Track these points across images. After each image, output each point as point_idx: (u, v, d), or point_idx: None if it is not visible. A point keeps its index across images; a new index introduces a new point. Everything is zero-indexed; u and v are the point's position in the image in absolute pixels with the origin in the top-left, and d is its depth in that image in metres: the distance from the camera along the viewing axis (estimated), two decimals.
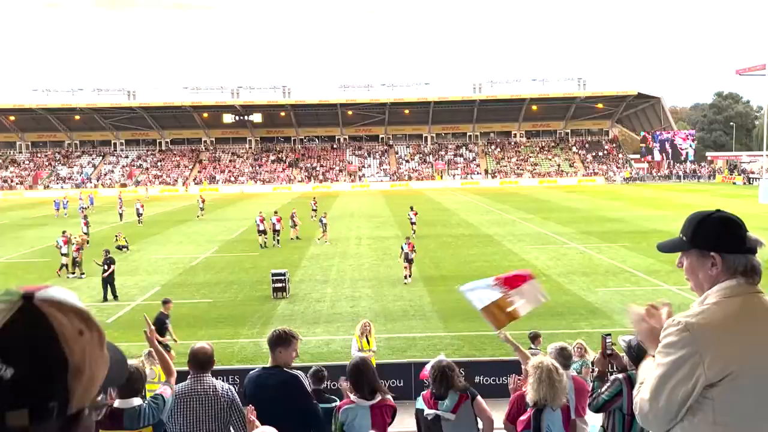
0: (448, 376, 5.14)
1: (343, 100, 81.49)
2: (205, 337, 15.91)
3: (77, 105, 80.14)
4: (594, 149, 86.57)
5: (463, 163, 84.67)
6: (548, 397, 4.36)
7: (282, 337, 4.76)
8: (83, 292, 21.28)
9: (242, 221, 41.31)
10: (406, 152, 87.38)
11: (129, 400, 4.14)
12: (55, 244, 25.10)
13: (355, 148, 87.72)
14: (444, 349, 14.58)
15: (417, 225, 32.75)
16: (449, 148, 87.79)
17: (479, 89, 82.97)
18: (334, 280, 22.53)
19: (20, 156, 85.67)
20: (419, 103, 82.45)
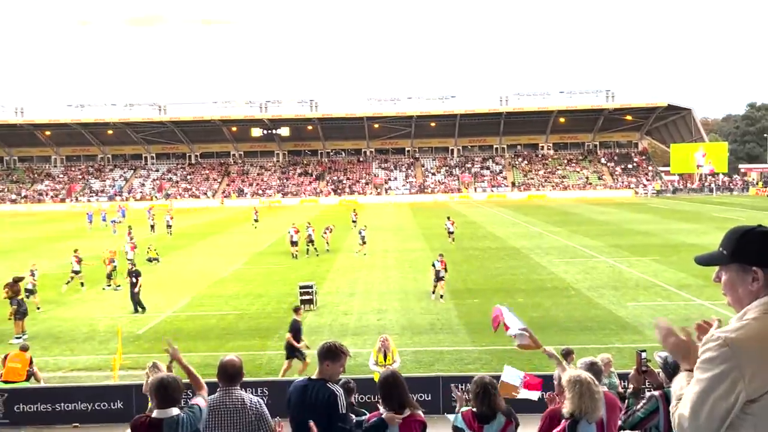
0: (491, 394, 4.99)
1: (370, 113, 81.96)
2: (234, 348, 16.06)
3: (110, 120, 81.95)
4: (623, 162, 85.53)
5: (490, 175, 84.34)
6: (588, 409, 4.29)
7: (332, 350, 4.76)
8: (115, 304, 21.67)
9: (270, 234, 41.66)
10: (432, 165, 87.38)
11: (168, 410, 4.21)
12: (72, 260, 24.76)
13: (382, 161, 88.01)
14: (472, 364, 14.51)
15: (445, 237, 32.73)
16: (476, 160, 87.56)
17: (506, 102, 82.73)
18: (360, 293, 22.56)
19: (55, 170, 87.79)
20: (445, 116, 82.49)
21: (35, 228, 51.02)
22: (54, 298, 22.75)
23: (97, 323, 19.17)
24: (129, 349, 15.75)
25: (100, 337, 17.68)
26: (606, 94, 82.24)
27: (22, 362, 12.79)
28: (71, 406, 11.96)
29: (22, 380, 12.67)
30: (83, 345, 16.97)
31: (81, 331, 18.37)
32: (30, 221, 58.76)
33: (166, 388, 4.25)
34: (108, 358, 15.05)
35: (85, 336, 17.82)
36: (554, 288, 22.59)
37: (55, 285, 25.35)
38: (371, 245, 35.05)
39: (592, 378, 4.58)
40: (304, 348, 13.72)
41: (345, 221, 44.75)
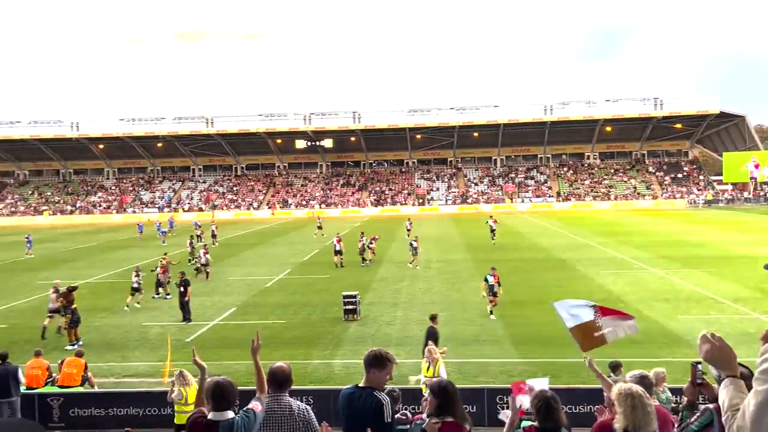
0: (554, 408, 4.86)
1: (412, 124, 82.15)
2: (279, 357, 16.20)
3: (159, 133, 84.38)
4: (673, 171, 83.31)
5: (534, 185, 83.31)
6: (641, 423, 4.17)
7: (378, 358, 4.76)
8: (164, 312, 22.21)
9: (314, 244, 42.09)
10: (475, 175, 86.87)
11: (223, 413, 4.31)
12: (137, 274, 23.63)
13: (424, 172, 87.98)
14: (518, 376, 14.29)
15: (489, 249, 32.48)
16: (519, 170, 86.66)
17: (550, 111, 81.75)
18: (404, 303, 22.53)
19: (107, 182, 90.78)
20: (488, 125, 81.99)
21: (89, 238, 52.80)
22: (107, 306, 23.46)
23: (147, 331, 19.68)
24: (177, 356, 16.09)
25: (150, 344, 18.14)
26: (654, 101, 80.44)
27: (77, 368, 13.23)
28: (123, 410, 12.30)
29: (77, 385, 13.09)
30: (134, 352, 17.45)
31: (132, 338, 18.89)
32: (84, 231, 60.86)
33: (222, 392, 4.35)
34: (158, 365, 15.42)
35: (137, 343, 18.32)
36: (602, 300, 22.01)
37: (106, 293, 26.16)
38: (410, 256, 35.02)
39: (644, 391, 4.47)
40: (444, 349, 13.57)
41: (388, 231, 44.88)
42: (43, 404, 12.47)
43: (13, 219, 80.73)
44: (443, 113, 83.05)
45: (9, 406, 11.74)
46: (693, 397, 5.12)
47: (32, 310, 23.34)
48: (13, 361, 12.53)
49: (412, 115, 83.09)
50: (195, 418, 4.46)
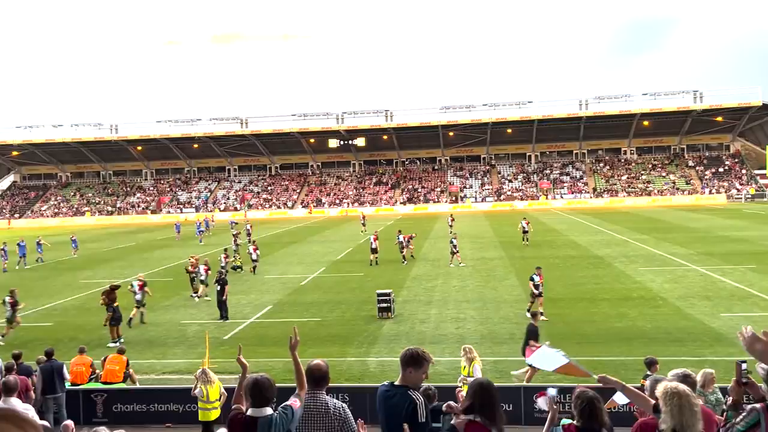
0: (598, 409, 4.78)
1: (444, 121, 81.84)
2: (315, 354, 16.36)
3: (195, 134, 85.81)
4: (713, 165, 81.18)
5: (570, 181, 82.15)
6: (689, 423, 4.06)
7: (415, 357, 4.74)
8: (202, 310, 22.58)
9: (347, 242, 42.28)
10: (509, 172, 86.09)
11: (262, 410, 4.38)
12: (129, 287, 21.96)
13: (457, 169, 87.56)
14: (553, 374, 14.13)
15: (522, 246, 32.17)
16: (554, 166, 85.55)
17: (585, 106, 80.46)
18: (438, 302, 22.48)
19: (146, 183, 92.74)
20: (522, 121, 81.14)
21: (129, 238, 54.03)
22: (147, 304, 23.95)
23: (185, 329, 20.05)
24: (215, 354, 16.36)
25: (189, 342, 18.48)
26: (693, 94, 78.50)
27: (119, 365, 13.57)
28: (164, 407, 12.56)
29: (120, 381, 13.43)
30: (174, 349, 17.80)
31: (171, 336, 19.27)
32: (124, 231, 62.31)
33: (260, 388, 4.41)
34: (197, 362, 15.69)
35: (176, 341, 18.68)
36: (640, 298, 21.70)
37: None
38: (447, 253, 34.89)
39: (690, 390, 4.36)
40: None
41: (422, 230, 44.83)
42: (87, 400, 12.83)
43: (56, 220, 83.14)
44: (476, 110, 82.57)
45: (55, 401, 12.10)
46: (738, 396, 4.99)
47: (75, 309, 24.01)
48: (58, 358, 12.92)
49: (444, 113, 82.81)
50: (234, 414, 4.54)
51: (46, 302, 25.34)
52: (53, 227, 74.23)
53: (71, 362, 13.65)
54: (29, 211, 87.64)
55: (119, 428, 7.90)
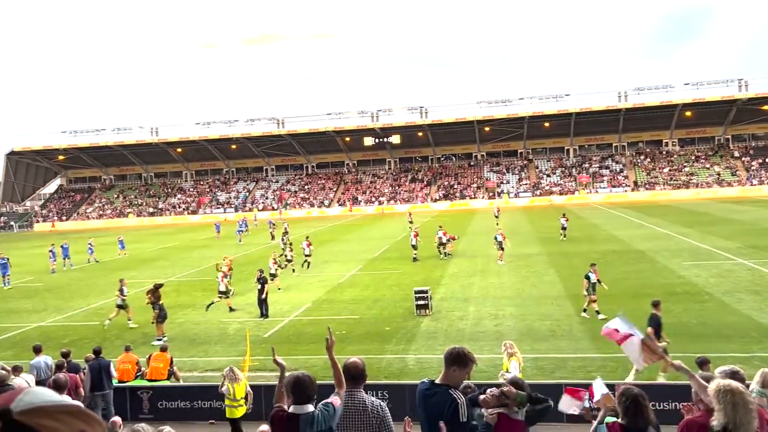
0: (643, 406, 4.72)
1: (480, 116, 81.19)
2: (353, 352, 16.46)
3: (233, 135, 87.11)
4: (760, 155, 78.52)
5: (610, 175, 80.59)
6: (743, 421, 3.93)
7: (461, 357, 4.74)
8: (242, 309, 22.92)
9: (383, 240, 42.35)
10: (546, 166, 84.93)
11: (303, 407, 4.43)
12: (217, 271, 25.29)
13: (493, 164, 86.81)
14: (596, 371, 13.92)
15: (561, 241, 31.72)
16: (594, 160, 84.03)
17: (625, 98, 78.80)
18: (476, 298, 22.34)
19: (186, 184, 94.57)
20: (560, 115, 79.96)
21: (170, 238, 55.21)
22: (189, 303, 24.47)
23: (227, 327, 20.39)
24: (256, 352, 16.59)
25: (230, 340, 18.80)
26: (738, 83, 76.07)
27: (163, 362, 13.89)
28: (207, 403, 12.81)
29: (164, 379, 13.75)
30: (215, 347, 18.12)
31: (213, 334, 19.62)
32: (165, 232, 63.69)
33: (301, 386, 4.47)
34: (238, 360, 15.94)
35: (217, 339, 19.02)
36: (685, 293, 21.17)
37: (188, 291, 27.27)
38: (485, 250, 34.64)
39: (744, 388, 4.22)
40: (665, 343, 13.06)
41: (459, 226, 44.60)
42: (133, 397, 13.17)
43: (101, 221, 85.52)
44: (512, 104, 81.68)
45: (103, 398, 12.46)
46: None
47: None
48: (105, 356, 13.30)
49: (479, 108, 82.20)
50: (276, 412, 4.60)
51: (92, 302, 26.09)
52: (98, 228, 76.36)
53: (118, 360, 14.03)
54: (75, 213, 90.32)
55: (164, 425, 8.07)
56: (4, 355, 17.01)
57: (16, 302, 27.24)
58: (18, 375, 11.80)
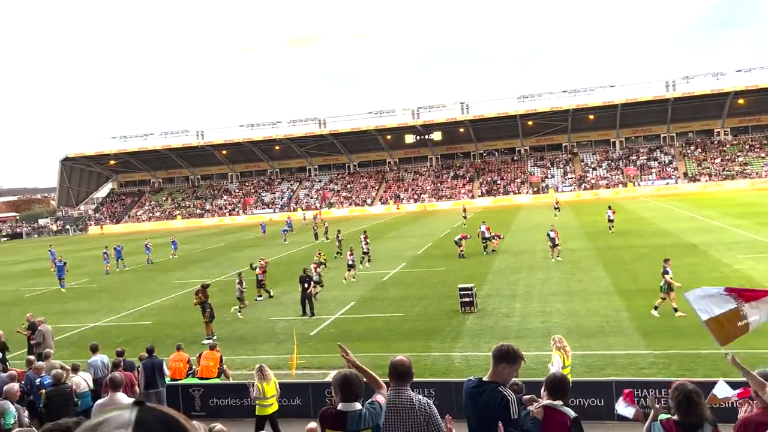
0: (696, 403, 4.62)
1: (523, 110, 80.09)
2: (399, 349, 16.50)
3: (276, 136, 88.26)
4: None
5: (658, 167, 78.41)
6: None
7: (510, 354, 4.70)
8: (289, 307, 23.22)
9: (426, 238, 42.25)
10: (592, 159, 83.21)
11: (351, 404, 4.49)
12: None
13: (537, 159, 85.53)
14: (647, 368, 13.62)
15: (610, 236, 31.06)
16: (641, 152, 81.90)
17: (672, 87, 76.50)
18: (522, 295, 22.09)
19: (231, 185, 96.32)
20: (605, 107, 78.18)
21: (217, 239, 56.35)
22: (236, 302, 24.91)
23: (274, 325, 20.71)
24: (303, 349, 16.81)
25: (278, 338, 19.08)
26: None
27: (213, 360, 14.21)
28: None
29: (215, 377, 14.05)
30: (263, 345, 18.43)
31: (261, 332, 19.96)
32: (213, 233, 65.02)
33: (348, 384, 4.51)
34: (285, 358, 16.19)
35: (265, 337, 19.33)
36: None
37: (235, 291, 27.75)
38: (530, 245, 34.22)
39: None
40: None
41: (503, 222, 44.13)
42: (186, 394, 13.51)
43: (151, 224, 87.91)
44: (555, 97, 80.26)
45: (156, 396, 12.81)
46: None
47: (171, 308, 25.30)
48: (157, 355, 13.68)
49: (522, 102, 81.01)
50: (324, 409, 4.67)
51: (144, 302, 26.85)
52: (147, 231, 78.50)
53: (170, 358, 14.40)
54: (126, 216, 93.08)
55: (215, 422, 8.26)
56: (63, 354, 17.68)
57: (73, 303, 28.27)
58: (76, 373, 12.26)
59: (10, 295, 32.32)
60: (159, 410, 1.17)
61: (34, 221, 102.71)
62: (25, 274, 41.37)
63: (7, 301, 30.39)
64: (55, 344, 17.19)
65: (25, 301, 29.68)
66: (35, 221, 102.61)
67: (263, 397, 11.38)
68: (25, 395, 11.14)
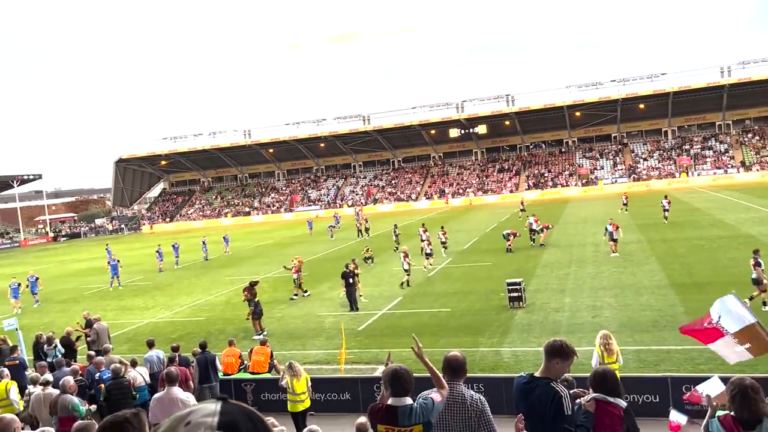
0: (751, 398, 4.49)
1: (570, 101, 78.49)
2: (447, 345, 16.45)
3: (321, 134, 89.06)
4: None
5: (713, 156, 75.70)
6: None
7: (564, 349, 4.68)
8: (336, 303, 23.43)
9: (473, 232, 41.93)
10: (643, 150, 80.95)
11: (401, 399, 4.51)
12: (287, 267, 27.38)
13: (585, 150, 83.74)
14: (704, 364, 13.20)
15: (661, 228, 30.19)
16: (695, 141, 79.21)
17: (728, 73, 73.63)
18: (571, 289, 21.70)
19: (278, 183, 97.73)
20: (656, 95, 75.90)
21: (266, 236, 57.28)
22: (285, 298, 25.29)
23: (323, 321, 20.93)
24: (351, 344, 16.94)
25: (326, 333, 19.28)
26: None
27: (264, 356, 14.46)
28: None
29: (266, 372, 14.30)
30: (313, 340, 18.65)
31: (310, 327, 20.20)
32: (261, 230, 66.12)
33: (399, 379, 4.54)
34: (334, 353, 16.35)
35: (314, 332, 19.56)
36: None
37: (284, 286, 28.17)
38: (579, 239, 33.58)
39: None
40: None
41: (551, 215, 43.41)
42: (238, 389, 13.79)
43: (201, 222, 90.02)
44: (604, 87, 78.31)
45: (210, 390, 13.12)
46: None
47: (223, 304, 25.86)
48: (210, 350, 14.01)
49: (569, 92, 79.41)
50: (374, 405, 4.70)
51: (197, 298, 27.54)
52: (197, 229, 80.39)
53: (222, 354, 14.73)
54: (178, 215, 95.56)
55: (268, 416, 8.40)
56: (120, 349, 18.29)
57: (129, 300, 29.21)
58: (134, 368, 12.67)
59: (71, 292, 33.64)
60: (240, 404, 1.31)
61: (91, 221, 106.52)
62: (84, 272, 42.98)
63: (67, 298, 31.65)
64: (112, 340, 17.79)
65: (84, 298, 30.85)
66: (92, 221, 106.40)
67: (293, 392, 11.45)
68: (86, 389, 11.59)
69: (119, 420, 3.10)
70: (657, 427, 10.49)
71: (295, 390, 11.45)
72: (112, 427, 3.08)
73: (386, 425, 4.46)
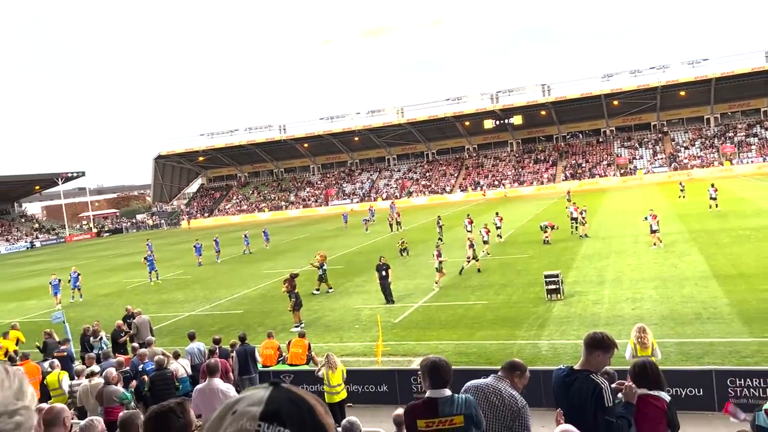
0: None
1: (607, 90, 76.91)
2: (483, 337, 16.40)
3: (355, 128, 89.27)
4: None
5: (759, 143, 73.33)
6: None
7: (605, 341, 4.64)
8: (372, 296, 23.52)
9: (509, 224, 41.52)
10: (684, 138, 78.92)
11: (440, 390, 4.51)
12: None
13: (624, 139, 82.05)
14: (751, 357, 12.89)
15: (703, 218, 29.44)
16: (738, 128, 76.85)
17: None
18: (611, 281, 21.35)
19: (313, 177, 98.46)
20: (697, 82, 73.80)
21: (302, 230, 57.81)
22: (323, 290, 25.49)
23: (359, 313, 21.05)
24: (387, 336, 17.01)
25: (363, 325, 19.39)
26: None
27: (302, 348, 14.62)
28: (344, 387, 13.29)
29: (304, 363, 14.46)
30: (349, 333, 18.78)
31: (347, 320, 20.34)
32: (297, 224, 66.75)
33: (438, 370, 4.54)
34: (371, 345, 16.45)
35: (351, 324, 19.69)
36: None
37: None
38: (618, 230, 32.98)
39: None
40: None
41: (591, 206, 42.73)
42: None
43: (239, 217, 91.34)
44: (642, 75, 76.47)
45: (250, 381, 13.34)
46: None
47: (261, 297, 26.23)
48: (249, 343, 14.23)
49: (606, 81, 77.75)
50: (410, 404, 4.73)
51: (235, 291, 27.99)
52: (236, 223, 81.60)
53: (261, 346, 14.95)
54: (216, 210, 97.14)
55: None
56: (163, 341, 18.72)
57: (170, 294, 29.86)
58: (177, 360, 12.97)
59: (114, 286, 34.56)
60: (292, 391, 1.23)
61: (132, 217, 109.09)
62: (126, 266, 44.08)
63: (111, 292, 32.52)
64: (154, 333, 18.21)
65: (127, 292, 31.66)
66: (133, 217, 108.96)
67: (329, 384, 11.59)
68: (131, 380, 11.91)
69: (164, 409, 3.20)
70: (702, 421, 10.28)
71: (331, 382, 11.59)
72: (157, 416, 3.18)
73: (426, 419, 4.44)
